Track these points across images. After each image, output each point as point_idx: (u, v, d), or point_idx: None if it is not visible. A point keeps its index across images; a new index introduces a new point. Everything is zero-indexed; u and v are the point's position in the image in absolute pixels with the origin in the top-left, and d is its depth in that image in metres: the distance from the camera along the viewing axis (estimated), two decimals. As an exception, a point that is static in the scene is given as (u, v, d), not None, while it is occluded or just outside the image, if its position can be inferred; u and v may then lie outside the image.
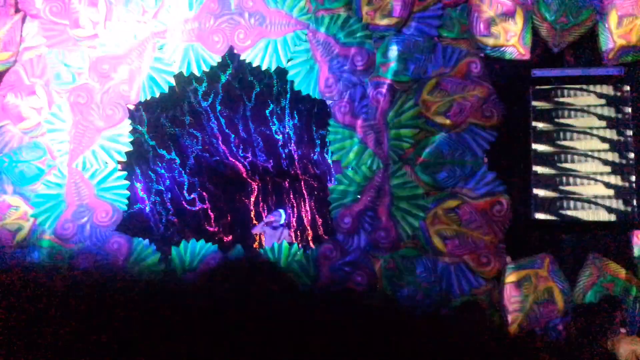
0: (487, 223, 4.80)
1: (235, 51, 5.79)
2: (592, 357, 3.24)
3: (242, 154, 6.80)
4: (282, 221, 6.38)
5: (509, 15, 5.31)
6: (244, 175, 6.94)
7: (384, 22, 5.40)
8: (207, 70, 5.84)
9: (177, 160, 6.79)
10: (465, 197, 4.94)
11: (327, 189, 5.77)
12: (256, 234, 6.79)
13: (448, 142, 5.07)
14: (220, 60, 5.86)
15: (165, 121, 6.62)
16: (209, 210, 6.94)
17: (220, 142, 6.73)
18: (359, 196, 5.17)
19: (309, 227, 6.87)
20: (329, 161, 6.26)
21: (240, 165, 6.88)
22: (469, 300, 4.45)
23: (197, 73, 5.83)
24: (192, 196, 6.89)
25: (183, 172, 6.74)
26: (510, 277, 4.72)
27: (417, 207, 4.99)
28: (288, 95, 6.23)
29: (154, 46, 5.79)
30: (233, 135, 6.70)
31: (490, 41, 5.28)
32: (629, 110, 4.91)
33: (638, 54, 5.11)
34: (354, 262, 4.91)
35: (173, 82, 5.87)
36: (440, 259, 4.85)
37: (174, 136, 6.77)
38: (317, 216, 6.82)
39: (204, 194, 6.94)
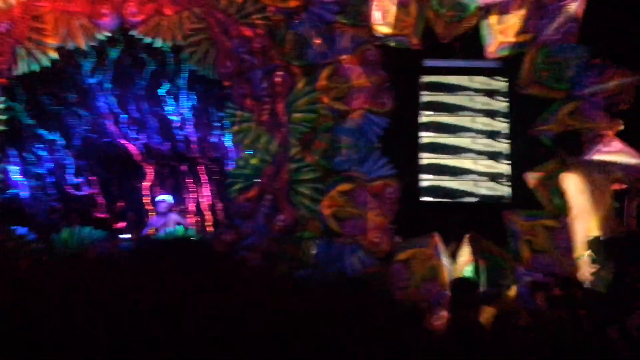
0: (379, 205, 5.01)
1: (126, 26, 5.45)
2: (466, 327, 3.54)
3: (134, 136, 6.44)
4: (168, 207, 6.16)
5: (403, 5, 5.53)
6: (137, 158, 6.58)
7: (284, 4, 5.37)
8: (94, 44, 5.44)
9: (61, 142, 6.27)
10: (360, 180, 5.11)
11: (226, 172, 5.67)
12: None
13: (344, 128, 5.19)
14: (109, 34, 5.50)
15: (47, 98, 6.08)
16: (98, 196, 6.51)
17: (109, 123, 6.31)
18: (257, 180, 5.14)
19: (208, 212, 6.72)
20: (228, 144, 6.14)
21: (133, 148, 6.51)
22: (359, 278, 4.64)
23: (82, 47, 5.42)
24: (78, 180, 6.42)
25: (68, 154, 6.24)
26: (399, 256, 4.99)
27: (315, 190, 5.07)
28: (184, 75, 5.99)
29: (31, 14, 5.25)
30: (125, 116, 6.32)
31: (386, 30, 5.48)
32: (506, 101, 5.37)
33: (515, 49, 5.59)
34: (252, 246, 4.89)
35: (56, 55, 5.40)
36: (336, 240, 4.99)
37: (57, 115, 6.24)
38: (216, 200, 6.68)
39: (92, 177, 6.48)
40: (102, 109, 6.28)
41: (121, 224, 6.58)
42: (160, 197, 6.22)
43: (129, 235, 6.14)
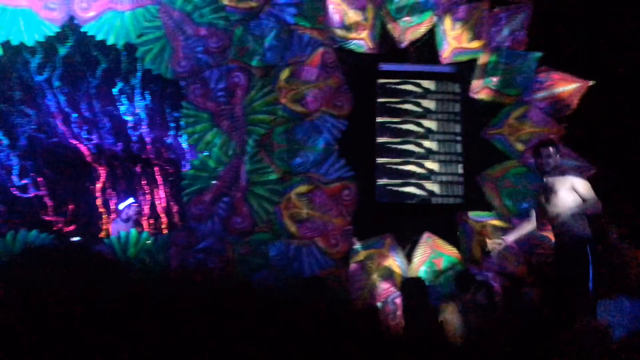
0: (336, 207, 5.04)
1: (76, 22, 5.26)
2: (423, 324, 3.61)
3: (85, 136, 6.20)
4: (134, 212, 6.00)
5: (360, 9, 5.60)
6: (89, 159, 6.35)
7: (242, 5, 5.33)
8: (41, 40, 5.23)
9: (4, 141, 5.97)
10: (317, 182, 5.13)
11: (182, 174, 5.56)
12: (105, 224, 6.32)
13: (302, 129, 5.20)
14: (58, 30, 5.30)
15: (-12, 95, 5.78)
16: (46, 198, 6.23)
17: (59, 122, 6.06)
18: (213, 182, 5.07)
19: (162, 215, 6.56)
20: (184, 145, 6.02)
21: (83, 148, 6.27)
22: (313, 278, 4.64)
23: (28, 43, 5.20)
24: (23, 182, 6.13)
25: (12, 154, 5.95)
26: (356, 257, 5.04)
27: (272, 192, 5.05)
28: (138, 74, 5.83)
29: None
30: (75, 115, 6.08)
31: (343, 33, 5.53)
32: (459, 105, 5.52)
33: (468, 55, 5.77)
34: (208, 249, 4.81)
35: (0, 50, 5.15)
36: (293, 241, 4.99)
37: (1, 113, 5.93)
38: (171, 203, 6.53)
39: (39, 179, 6.20)
40: (50, 108, 6.03)
41: (71, 227, 6.34)
42: (125, 203, 6.02)
43: (78, 238, 5.92)
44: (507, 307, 4.46)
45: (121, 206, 6.00)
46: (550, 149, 3.97)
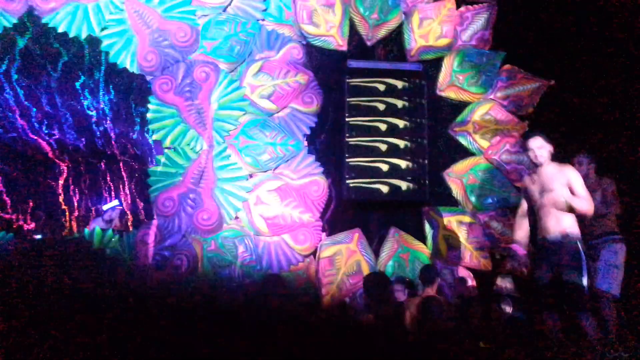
0: (305, 202, 5.05)
1: (36, 13, 5.08)
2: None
3: (46, 131, 6.00)
4: (115, 214, 5.87)
5: (329, 6, 5.61)
6: (50, 155, 6.15)
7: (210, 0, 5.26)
8: (-2, 31, 5.03)
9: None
10: (287, 178, 5.13)
11: (148, 170, 5.46)
12: (66, 222, 6.15)
13: (271, 125, 5.18)
14: (16, 21, 5.10)
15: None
16: (4, 195, 6.01)
17: (17, 117, 5.84)
18: (180, 178, 4.99)
19: (128, 212, 6.42)
20: (150, 141, 5.90)
21: (44, 144, 6.07)
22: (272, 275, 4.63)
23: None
24: (-22, 178, 5.92)
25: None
26: (325, 252, 5.07)
27: (241, 188, 5.01)
28: (102, 68, 5.67)
29: None
30: (34, 109, 5.87)
31: (312, 30, 5.53)
32: (425, 102, 5.60)
33: (434, 53, 5.86)
34: (174, 246, 4.74)
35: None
36: (262, 238, 4.98)
37: (-47, 107, 5.70)
38: (137, 200, 6.40)
39: (-3, 175, 6.00)
40: (8, 102, 5.81)
41: (31, 225, 6.15)
42: (109, 205, 5.87)
43: (40, 236, 5.75)
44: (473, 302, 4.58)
45: (105, 207, 5.86)
46: (539, 138, 3.72)
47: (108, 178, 6.44)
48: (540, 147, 3.70)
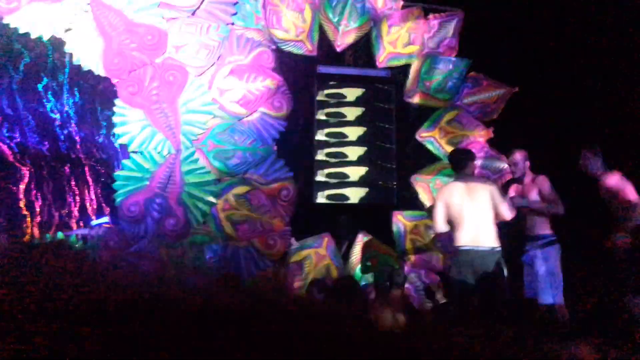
0: (274, 207, 5.05)
1: (-3, 13, 4.93)
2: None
3: (7, 134, 5.82)
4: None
5: (299, 11, 5.64)
6: (11, 158, 5.97)
7: (177, 2, 5.22)
8: (-44, 30, 4.86)
9: None
10: (256, 182, 5.12)
11: (114, 174, 5.36)
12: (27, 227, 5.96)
13: (240, 130, 5.16)
14: (-25, 21, 4.94)
15: None
16: (-40, 200, 5.82)
17: (-25, 119, 5.66)
18: (147, 182, 4.91)
19: (93, 217, 6.28)
20: (116, 145, 5.80)
21: (4, 147, 5.88)
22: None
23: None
24: None
25: None
26: (294, 257, 5.08)
27: (209, 193, 4.98)
28: (67, 70, 5.54)
29: None
30: (-5, 112, 5.70)
31: (282, 34, 5.55)
32: (393, 107, 5.68)
33: (402, 59, 5.96)
34: (140, 252, 4.67)
35: None
36: (230, 243, 4.95)
37: None
38: (103, 204, 6.27)
39: (-46, 179, 5.78)
40: (-34, 104, 5.63)
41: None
42: (98, 221, 5.74)
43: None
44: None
45: (95, 222, 5.72)
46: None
47: (72, 182, 6.28)
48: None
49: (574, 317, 4.07)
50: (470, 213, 3.72)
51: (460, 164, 3.92)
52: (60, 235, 4.72)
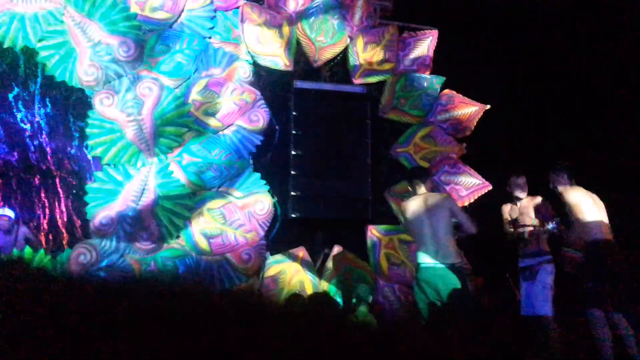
0: (249, 221, 5.03)
1: (-33, 21, 4.83)
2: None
3: (-26, 144, 5.67)
4: (9, 223, 5.53)
5: (276, 27, 5.69)
6: (-22, 169, 5.81)
7: (154, 15, 5.21)
8: None
9: None
10: (231, 196, 5.09)
11: (85, 187, 5.25)
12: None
13: (216, 143, 5.14)
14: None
15: None
16: None
17: (-58, 128, 5.49)
18: (120, 195, 4.83)
19: (64, 230, 6.13)
20: (89, 156, 5.69)
21: (-28, 157, 5.73)
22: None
23: None
24: None
25: None
26: (269, 272, 5.05)
27: (183, 206, 4.93)
28: (39, 80, 5.44)
29: None
30: (-38, 121, 5.54)
31: (259, 49, 5.58)
32: (368, 123, 5.75)
33: (378, 76, 6.05)
34: (111, 266, 4.58)
35: None
36: (204, 257, 4.90)
37: None
38: (74, 217, 6.12)
39: None
40: None
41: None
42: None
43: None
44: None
45: None
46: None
47: (42, 194, 6.13)
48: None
49: None
50: (428, 229, 3.70)
51: (417, 181, 3.97)
52: (27, 250, 4.58)
